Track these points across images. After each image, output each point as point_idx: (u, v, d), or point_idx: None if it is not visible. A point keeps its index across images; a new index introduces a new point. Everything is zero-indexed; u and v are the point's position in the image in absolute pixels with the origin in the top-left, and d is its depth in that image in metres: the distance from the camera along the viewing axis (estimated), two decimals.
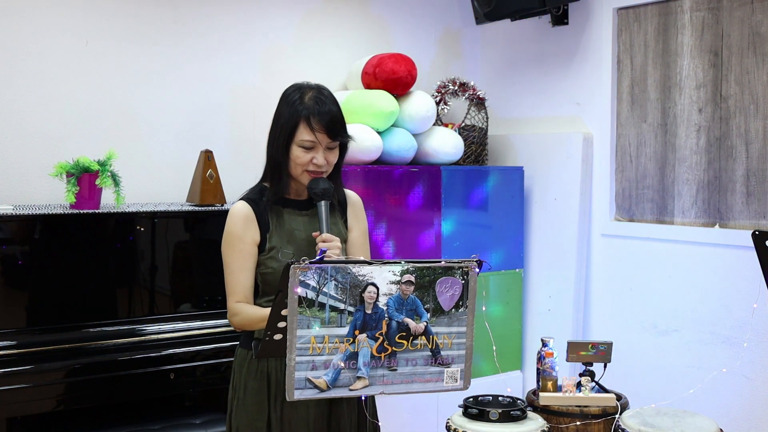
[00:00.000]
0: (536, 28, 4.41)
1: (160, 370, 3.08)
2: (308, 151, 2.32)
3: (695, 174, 3.74)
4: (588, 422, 2.91)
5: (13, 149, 3.38)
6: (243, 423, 2.35)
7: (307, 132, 2.31)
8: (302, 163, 2.33)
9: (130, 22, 3.63)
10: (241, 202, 2.38)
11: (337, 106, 2.37)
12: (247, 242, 2.34)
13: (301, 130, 2.31)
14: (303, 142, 2.32)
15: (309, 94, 2.35)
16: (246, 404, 2.35)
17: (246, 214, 2.35)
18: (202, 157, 3.55)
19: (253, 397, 2.34)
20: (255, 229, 2.35)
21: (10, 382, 2.81)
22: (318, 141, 2.31)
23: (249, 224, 2.34)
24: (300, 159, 2.32)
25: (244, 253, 2.34)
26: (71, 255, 3.14)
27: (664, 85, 3.85)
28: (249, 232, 2.34)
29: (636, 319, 3.94)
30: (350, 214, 2.52)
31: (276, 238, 2.35)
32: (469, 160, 4.20)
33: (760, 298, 3.24)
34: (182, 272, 3.40)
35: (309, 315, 1.94)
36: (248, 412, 2.35)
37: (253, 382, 2.35)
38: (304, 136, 2.31)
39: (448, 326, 2.09)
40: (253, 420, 2.33)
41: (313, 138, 2.31)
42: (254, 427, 2.33)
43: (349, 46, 4.28)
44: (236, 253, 2.34)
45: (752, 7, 3.51)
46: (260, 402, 2.33)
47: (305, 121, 2.30)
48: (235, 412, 2.38)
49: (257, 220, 2.35)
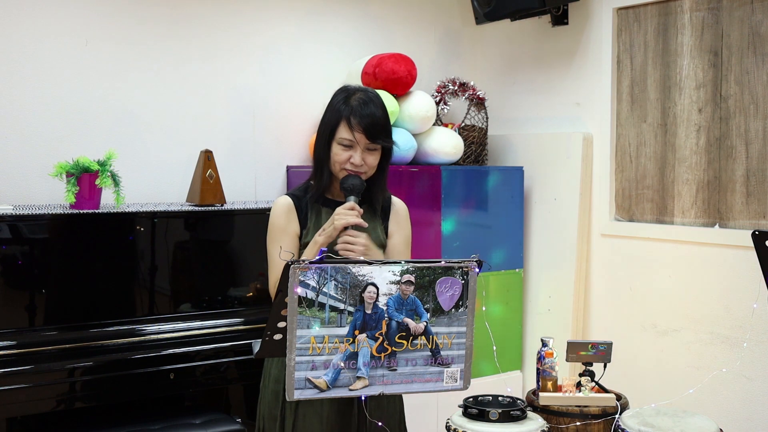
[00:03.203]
0: (536, 28, 4.41)
1: (160, 370, 3.08)
2: (347, 149, 2.39)
3: (695, 174, 3.74)
4: (588, 422, 2.91)
5: (13, 149, 3.38)
6: (266, 410, 2.45)
7: (346, 131, 2.38)
8: (340, 160, 2.39)
9: (130, 23, 3.63)
10: (285, 196, 2.48)
11: (383, 110, 2.42)
12: (290, 233, 2.43)
13: (341, 128, 2.38)
14: (342, 140, 2.39)
15: (355, 95, 2.41)
16: (268, 391, 2.44)
17: (288, 207, 2.44)
18: (202, 157, 3.56)
19: (273, 387, 2.43)
20: (296, 221, 2.44)
21: (10, 382, 2.80)
22: (356, 141, 2.37)
23: (291, 216, 2.44)
24: (338, 156, 2.39)
25: (285, 243, 2.41)
26: (71, 255, 3.14)
27: (664, 85, 3.85)
28: (291, 225, 2.43)
29: (636, 319, 3.94)
30: (392, 220, 2.55)
31: (312, 235, 2.41)
32: (469, 160, 4.20)
33: (760, 298, 3.24)
34: (182, 272, 3.40)
35: (309, 315, 1.94)
36: (269, 400, 2.44)
37: (275, 370, 2.43)
38: (343, 134, 2.38)
39: (448, 326, 2.09)
40: (272, 408, 2.42)
41: (351, 137, 2.37)
42: (272, 416, 2.42)
43: (349, 46, 4.28)
44: (277, 242, 2.42)
45: (752, 7, 3.51)
46: (277, 392, 2.41)
47: (346, 120, 2.38)
48: (261, 399, 2.48)
49: (297, 214, 2.44)
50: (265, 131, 4.01)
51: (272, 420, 2.40)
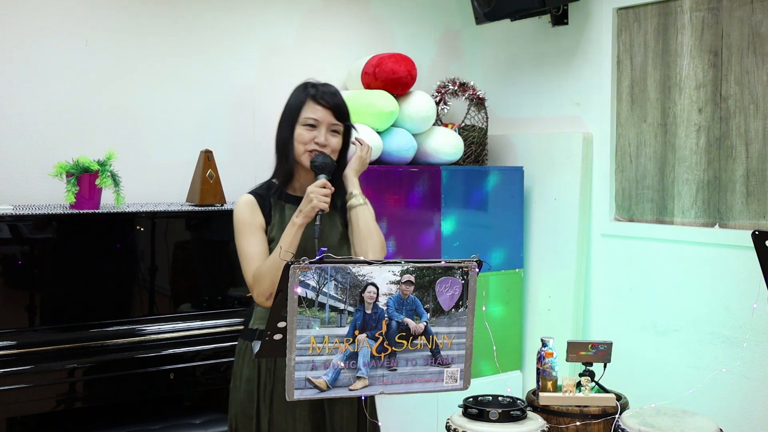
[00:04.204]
0: (536, 28, 4.41)
1: (160, 370, 3.08)
2: (311, 129, 2.41)
3: (695, 174, 3.73)
4: (588, 422, 2.91)
5: (13, 149, 3.38)
6: (238, 410, 2.45)
7: (311, 110, 2.41)
8: (304, 141, 2.41)
9: (130, 22, 3.63)
10: (246, 194, 2.49)
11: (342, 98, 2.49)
12: (257, 226, 2.43)
13: (306, 109, 2.42)
14: (306, 120, 2.41)
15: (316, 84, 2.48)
16: (240, 391, 2.44)
17: (252, 203, 2.45)
18: (202, 157, 3.56)
19: (246, 385, 2.43)
20: (261, 216, 2.44)
21: (10, 382, 2.81)
22: (320, 120, 2.41)
23: (255, 211, 2.44)
24: (302, 137, 2.42)
25: (256, 236, 2.41)
26: (71, 255, 3.14)
27: (663, 85, 3.85)
28: (257, 218, 2.43)
29: (636, 319, 3.94)
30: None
31: (276, 231, 2.41)
32: (469, 160, 4.20)
33: (760, 298, 3.24)
34: (182, 272, 3.40)
35: (309, 315, 1.94)
36: (241, 399, 2.44)
37: (246, 370, 2.44)
38: (308, 113, 2.42)
39: (448, 326, 2.09)
40: (245, 407, 2.42)
41: (317, 115, 2.40)
42: (246, 414, 2.42)
43: (349, 46, 4.28)
44: (247, 236, 2.42)
45: (752, 7, 3.51)
46: (251, 391, 2.42)
47: (312, 98, 2.42)
48: (232, 399, 2.49)
49: (261, 210, 2.44)
50: (265, 131, 4.00)
51: (247, 419, 2.42)
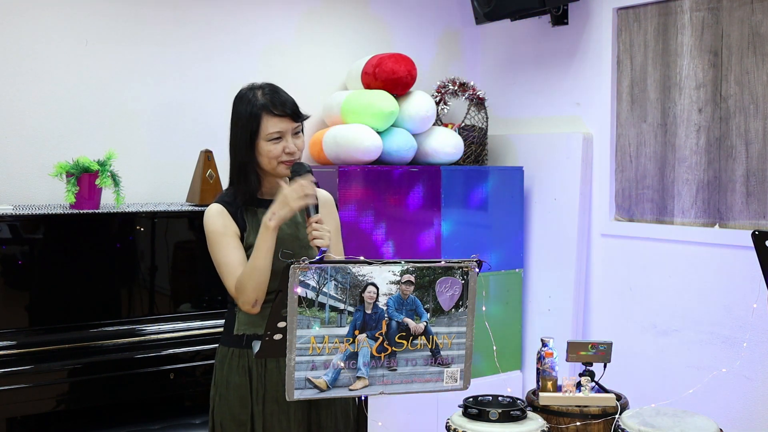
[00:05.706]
0: (536, 28, 4.41)
1: (160, 370, 3.08)
2: (278, 141, 2.34)
3: (695, 174, 3.74)
4: (588, 422, 2.91)
5: (13, 149, 3.38)
6: (227, 418, 2.38)
7: (273, 123, 2.33)
8: (276, 155, 2.34)
9: (130, 23, 3.63)
10: (214, 203, 2.41)
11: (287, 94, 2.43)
12: (230, 234, 2.35)
13: (265, 123, 2.33)
14: (270, 135, 2.33)
15: (259, 92, 2.39)
16: (229, 400, 2.38)
17: (221, 211, 2.37)
18: (202, 157, 3.56)
19: (236, 393, 2.37)
20: (233, 224, 2.36)
21: (10, 382, 2.81)
22: (284, 130, 2.34)
23: (226, 219, 2.36)
24: (272, 152, 2.34)
25: (231, 245, 2.34)
26: (71, 255, 3.14)
27: (663, 85, 3.85)
28: (230, 226, 2.36)
29: (636, 319, 3.94)
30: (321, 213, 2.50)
31: (254, 236, 2.33)
32: (469, 160, 4.20)
33: (760, 298, 3.24)
34: (182, 272, 3.40)
35: (309, 315, 1.94)
36: (231, 407, 2.38)
37: (235, 377, 2.38)
38: (269, 128, 2.33)
39: (448, 326, 2.09)
40: (237, 414, 2.37)
41: (281, 127, 2.33)
42: (238, 422, 2.36)
43: (349, 46, 4.28)
44: (224, 246, 2.34)
45: (752, 7, 3.51)
46: (243, 397, 2.36)
47: (268, 113, 2.33)
48: (217, 408, 2.41)
49: (233, 218, 2.37)
50: None
51: (239, 425, 2.36)
